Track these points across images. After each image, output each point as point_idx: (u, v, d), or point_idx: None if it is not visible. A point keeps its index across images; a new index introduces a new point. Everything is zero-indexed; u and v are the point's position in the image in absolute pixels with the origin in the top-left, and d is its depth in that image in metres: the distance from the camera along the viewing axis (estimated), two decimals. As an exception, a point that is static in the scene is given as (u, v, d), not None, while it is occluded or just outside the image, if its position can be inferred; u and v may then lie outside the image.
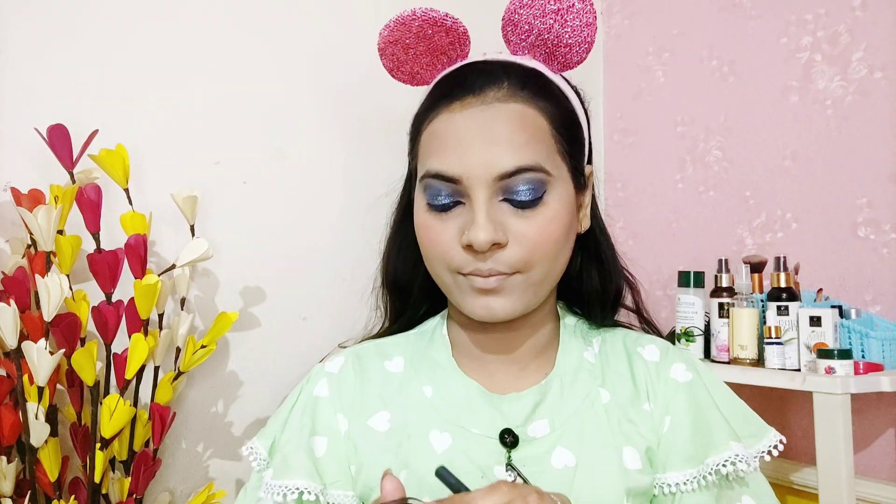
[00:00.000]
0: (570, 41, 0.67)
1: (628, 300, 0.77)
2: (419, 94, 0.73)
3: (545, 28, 0.66)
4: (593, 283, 0.75)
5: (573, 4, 0.65)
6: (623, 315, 0.79)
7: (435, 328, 0.76)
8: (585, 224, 0.71)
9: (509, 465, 0.65)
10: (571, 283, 0.75)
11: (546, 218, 0.63)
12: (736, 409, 0.71)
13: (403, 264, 0.76)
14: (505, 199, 0.63)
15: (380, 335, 0.79)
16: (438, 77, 0.71)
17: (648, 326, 0.78)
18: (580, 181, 0.69)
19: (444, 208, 0.64)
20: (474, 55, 0.70)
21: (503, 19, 0.68)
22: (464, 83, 0.65)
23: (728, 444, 0.65)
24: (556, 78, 0.69)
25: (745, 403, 0.72)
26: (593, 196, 0.74)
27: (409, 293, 0.78)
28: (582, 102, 0.72)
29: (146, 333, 1.03)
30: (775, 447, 0.68)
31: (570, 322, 0.75)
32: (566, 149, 0.66)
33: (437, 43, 0.69)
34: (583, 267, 0.74)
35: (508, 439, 0.66)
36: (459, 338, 0.73)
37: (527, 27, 0.67)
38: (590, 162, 0.73)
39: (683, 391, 0.69)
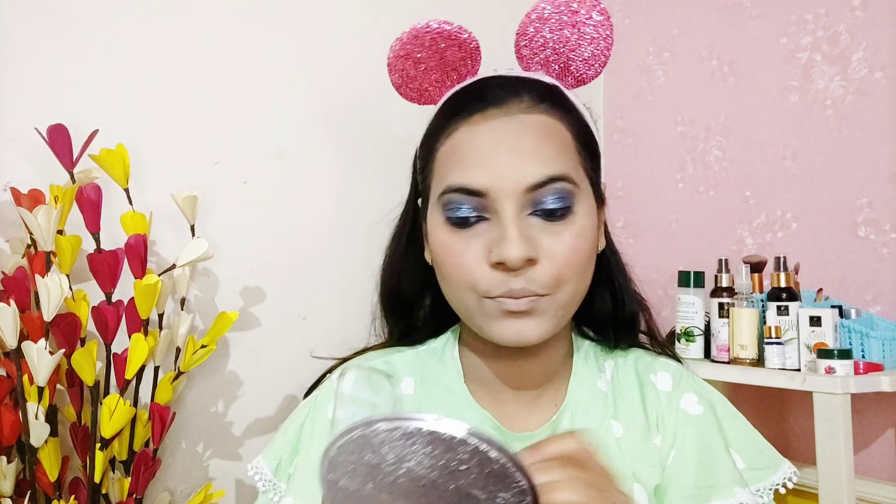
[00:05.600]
0: (586, 55, 0.65)
1: (641, 324, 0.75)
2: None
3: (561, 42, 0.64)
4: (605, 306, 0.72)
5: (591, 16, 0.63)
6: None
7: (445, 348, 0.73)
8: (602, 243, 0.69)
9: None
10: (583, 305, 0.71)
11: (576, 232, 0.60)
12: (751, 440, 0.70)
13: (409, 289, 0.74)
14: (533, 213, 0.60)
15: (384, 345, 0.77)
16: (448, 94, 0.68)
17: (662, 350, 0.75)
18: (600, 197, 0.67)
19: (465, 223, 0.61)
20: (484, 72, 0.68)
21: (517, 33, 0.65)
22: (483, 96, 0.63)
23: (733, 491, 0.64)
24: (570, 94, 0.68)
25: (760, 435, 0.71)
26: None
27: (412, 319, 0.76)
28: (593, 120, 0.71)
29: (146, 333, 1.03)
30: (789, 479, 0.67)
31: (582, 346, 0.73)
32: (588, 163, 0.64)
33: (448, 58, 0.67)
34: (595, 288, 0.71)
35: None
36: (472, 364, 0.70)
37: (541, 41, 0.65)
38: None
39: (693, 425, 0.67)
